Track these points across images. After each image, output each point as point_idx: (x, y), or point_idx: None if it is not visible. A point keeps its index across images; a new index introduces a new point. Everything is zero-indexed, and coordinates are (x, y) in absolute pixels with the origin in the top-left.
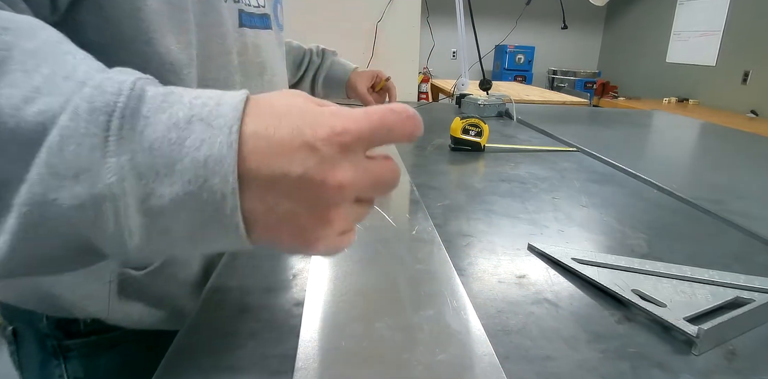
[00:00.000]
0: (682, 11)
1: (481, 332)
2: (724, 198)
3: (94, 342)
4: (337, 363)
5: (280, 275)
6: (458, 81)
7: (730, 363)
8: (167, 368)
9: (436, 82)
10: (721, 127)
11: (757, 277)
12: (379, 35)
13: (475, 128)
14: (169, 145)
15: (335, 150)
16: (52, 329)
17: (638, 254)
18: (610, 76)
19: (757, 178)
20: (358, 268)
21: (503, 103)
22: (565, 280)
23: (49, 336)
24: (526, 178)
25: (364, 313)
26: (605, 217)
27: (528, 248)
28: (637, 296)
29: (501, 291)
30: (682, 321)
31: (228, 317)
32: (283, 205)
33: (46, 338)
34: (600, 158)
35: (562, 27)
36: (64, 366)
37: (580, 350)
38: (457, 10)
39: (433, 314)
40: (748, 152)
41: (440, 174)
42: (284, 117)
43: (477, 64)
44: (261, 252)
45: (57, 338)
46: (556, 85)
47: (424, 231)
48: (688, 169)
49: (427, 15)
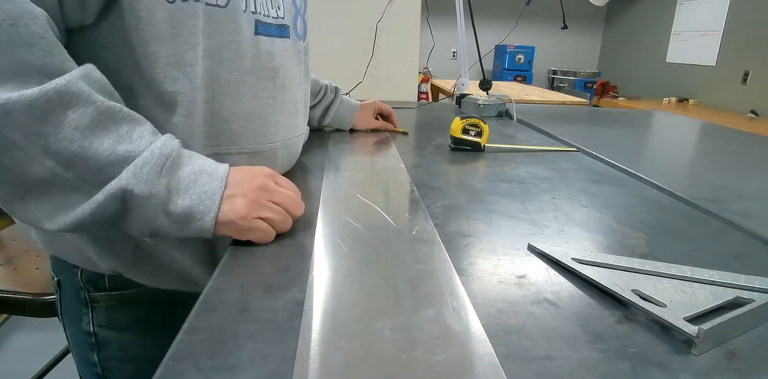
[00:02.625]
0: (682, 11)
1: (481, 332)
2: (724, 198)
3: (115, 297)
4: (337, 363)
5: (280, 275)
6: (458, 81)
7: (730, 363)
8: (167, 368)
9: (436, 82)
10: (721, 127)
11: (757, 277)
12: (379, 35)
13: (475, 128)
14: (190, 181)
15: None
16: (85, 282)
17: (638, 254)
18: (610, 76)
19: (757, 178)
20: (358, 268)
21: (503, 103)
22: (565, 280)
23: (83, 288)
24: (526, 178)
25: (364, 313)
26: (605, 217)
27: (528, 248)
28: (637, 296)
29: (501, 291)
30: (682, 321)
31: (228, 317)
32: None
33: (80, 289)
34: (600, 158)
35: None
36: (91, 314)
37: (580, 350)
38: (457, 10)
39: (433, 314)
40: (748, 152)
41: (440, 174)
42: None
43: (477, 64)
44: (261, 252)
45: (87, 291)
46: (556, 85)
47: (424, 231)
48: (688, 169)
49: (427, 15)
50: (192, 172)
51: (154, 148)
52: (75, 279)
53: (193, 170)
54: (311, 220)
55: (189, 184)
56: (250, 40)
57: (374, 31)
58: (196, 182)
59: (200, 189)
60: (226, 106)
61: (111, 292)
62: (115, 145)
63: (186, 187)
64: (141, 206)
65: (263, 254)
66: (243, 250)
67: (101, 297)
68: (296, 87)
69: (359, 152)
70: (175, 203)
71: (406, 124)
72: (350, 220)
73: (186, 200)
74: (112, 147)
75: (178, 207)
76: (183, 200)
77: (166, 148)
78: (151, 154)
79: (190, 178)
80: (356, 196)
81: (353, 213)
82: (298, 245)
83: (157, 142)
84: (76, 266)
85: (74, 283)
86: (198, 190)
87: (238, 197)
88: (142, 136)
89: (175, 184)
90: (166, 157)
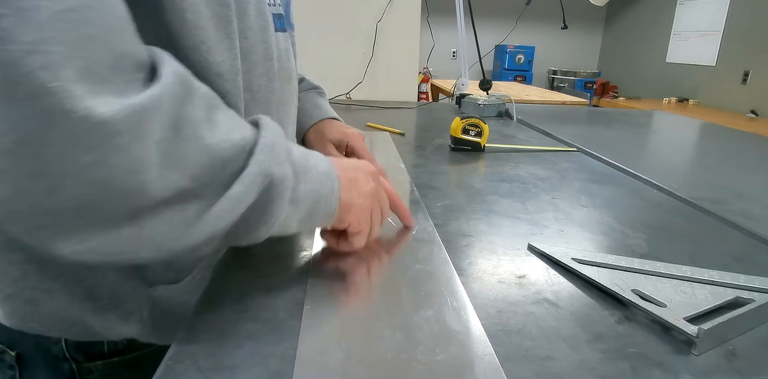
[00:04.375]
0: (682, 11)
1: (481, 332)
2: (724, 198)
3: (116, 363)
4: (337, 363)
5: (280, 275)
6: (458, 81)
7: (730, 363)
8: (167, 368)
9: (436, 82)
10: (721, 128)
11: (757, 277)
12: (379, 35)
13: (475, 128)
14: (305, 161)
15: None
16: (72, 351)
17: (638, 254)
18: (610, 76)
19: (757, 178)
20: (358, 268)
21: (503, 103)
22: (565, 280)
23: (67, 359)
24: (526, 178)
25: (364, 313)
26: (605, 217)
27: (528, 248)
28: (637, 296)
29: (501, 291)
30: (682, 321)
31: (228, 317)
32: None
33: (63, 361)
34: (600, 158)
35: (562, 27)
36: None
37: (580, 350)
38: (457, 10)
39: (433, 314)
40: (748, 152)
41: (440, 174)
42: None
43: (477, 64)
44: (261, 252)
45: (77, 361)
46: (556, 85)
47: (424, 231)
48: (688, 169)
49: (427, 15)
50: (302, 154)
51: (269, 127)
52: (54, 349)
53: (301, 151)
54: None
55: (305, 165)
56: (273, 38)
57: (374, 31)
58: (309, 163)
59: (316, 171)
60: None
61: (112, 358)
62: (229, 134)
63: (304, 169)
64: (280, 194)
65: (263, 254)
66: (243, 250)
67: (97, 367)
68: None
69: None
70: (299, 189)
71: (406, 124)
72: None
73: (308, 184)
74: (227, 137)
75: (302, 191)
76: (305, 184)
77: (276, 127)
78: (273, 132)
79: (304, 159)
80: None
81: None
82: (298, 245)
83: (263, 121)
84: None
85: (52, 354)
86: (315, 172)
87: (354, 193)
88: (240, 118)
89: (299, 167)
90: (281, 136)
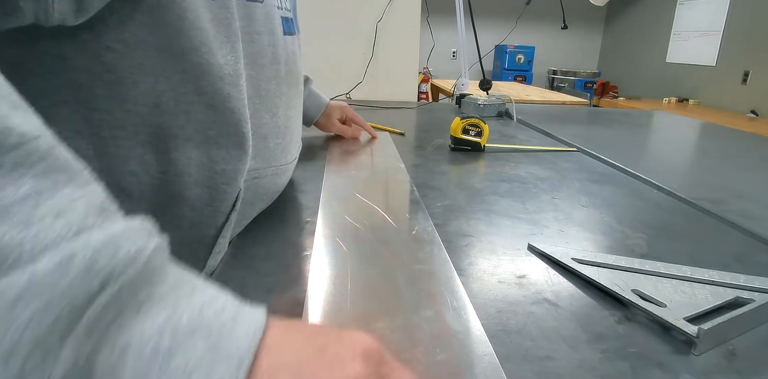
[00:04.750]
0: (682, 11)
1: (481, 332)
2: (724, 198)
3: None
4: None
5: (280, 275)
6: (458, 81)
7: (730, 363)
8: None
9: (436, 82)
10: (721, 128)
11: (757, 277)
12: (379, 35)
13: (475, 128)
14: (150, 359)
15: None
16: None
17: (638, 254)
18: (610, 76)
19: (757, 178)
20: (358, 268)
21: (503, 103)
22: (565, 280)
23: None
24: (526, 178)
25: (364, 313)
26: (605, 217)
27: (528, 248)
28: (637, 296)
29: (501, 291)
30: (682, 321)
31: None
32: None
33: None
34: (600, 158)
35: (562, 27)
36: None
37: (580, 350)
38: (457, 10)
39: (433, 314)
40: (748, 152)
41: (440, 174)
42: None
43: (477, 64)
44: (261, 252)
45: None
46: (556, 85)
47: (424, 231)
48: (688, 169)
49: (427, 15)
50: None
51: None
52: None
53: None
54: (311, 220)
55: (149, 364)
56: (281, 42)
57: (374, 31)
58: (169, 365)
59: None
60: (264, 122)
61: None
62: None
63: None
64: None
65: (263, 254)
66: (243, 250)
67: None
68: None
69: (359, 152)
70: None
71: (406, 124)
72: (350, 220)
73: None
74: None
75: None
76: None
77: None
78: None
79: (156, 347)
80: (356, 196)
81: (353, 213)
82: (298, 245)
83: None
84: None
85: None
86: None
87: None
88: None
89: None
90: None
